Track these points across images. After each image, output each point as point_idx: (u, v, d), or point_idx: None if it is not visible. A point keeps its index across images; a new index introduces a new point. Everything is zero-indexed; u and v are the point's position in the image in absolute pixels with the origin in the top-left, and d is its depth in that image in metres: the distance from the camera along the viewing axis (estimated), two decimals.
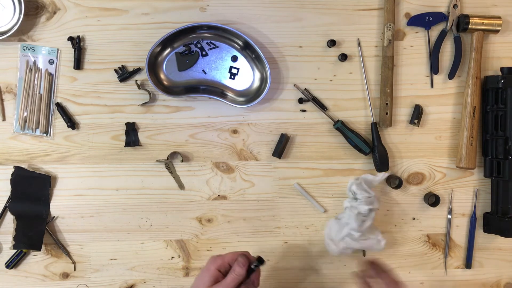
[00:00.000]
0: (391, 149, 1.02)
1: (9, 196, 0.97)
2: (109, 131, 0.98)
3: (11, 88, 0.96)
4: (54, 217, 0.98)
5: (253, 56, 0.97)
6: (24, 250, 0.98)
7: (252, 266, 0.79)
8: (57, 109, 0.96)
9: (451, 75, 1.00)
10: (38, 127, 0.96)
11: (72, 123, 0.96)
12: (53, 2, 0.96)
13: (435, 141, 1.02)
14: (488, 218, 1.02)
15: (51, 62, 0.96)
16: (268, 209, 1.01)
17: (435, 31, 1.01)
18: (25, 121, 0.96)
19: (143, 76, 0.97)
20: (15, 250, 0.97)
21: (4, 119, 0.97)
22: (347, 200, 0.98)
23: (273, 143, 1.00)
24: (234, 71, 0.98)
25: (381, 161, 0.99)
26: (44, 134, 0.97)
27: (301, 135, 1.01)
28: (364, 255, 1.02)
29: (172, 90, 0.97)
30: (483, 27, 0.98)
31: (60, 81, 0.97)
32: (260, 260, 0.80)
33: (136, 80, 0.97)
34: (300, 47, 0.99)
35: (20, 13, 0.92)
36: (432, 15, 1.00)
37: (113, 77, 0.97)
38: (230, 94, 0.98)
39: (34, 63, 0.96)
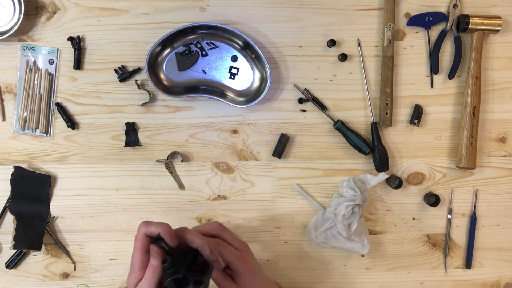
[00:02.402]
0: (391, 149, 1.02)
1: (9, 196, 0.97)
2: (109, 131, 0.98)
3: (11, 88, 0.96)
4: (54, 217, 0.99)
5: (253, 56, 0.97)
6: (24, 250, 0.98)
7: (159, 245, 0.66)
8: (57, 109, 0.96)
9: (451, 75, 1.00)
10: (38, 127, 0.96)
11: (72, 123, 0.96)
12: (53, 2, 0.96)
13: (435, 141, 1.02)
14: None
15: (51, 62, 0.96)
16: (268, 209, 1.01)
17: (435, 31, 1.01)
18: (25, 121, 0.96)
19: (143, 76, 0.97)
20: (15, 250, 0.97)
21: (4, 119, 0.97)
22: (335, 195, 0.99)
23: (273, 143, 1.00)
24: (234, 71, 0.98)
25: (381, 161, 0.99)
26: (44, 134, 0.97)
27: (301, 135, 1.01)
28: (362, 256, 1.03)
29: (172, 90, 0.97)
30: (483, 27, 0.98)
31: (60, 81, 0.97)
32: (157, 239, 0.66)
33: (136, 80, 0.97)
34: (300, 47, 0.99)
35: (20, 13, 0.92)
36: (432, 15, 1.00)
37: (113, 77, 0.97)
38: (230, 94, 0.98)
39: (34, 63, 0.96)
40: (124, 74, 0.96)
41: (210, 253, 0.67)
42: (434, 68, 1.00)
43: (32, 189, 0.97)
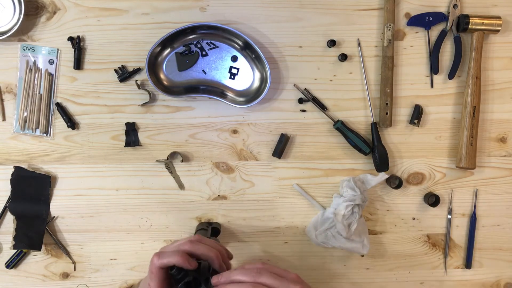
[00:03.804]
0: (391, 149, 1.02)
1: (9, 196, 0.97)
2: (109, 131, 0.98)
3: (11, 88, 0.96)
4: (54, 217, 0.99)
5: (253, 56, 0.97)
6: (24, 250, 0.98)
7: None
8: (57, 109, 0.96)
9: (451, 75, 1.00)
10: (38, 127, 0.96)
11: (72, 123, 0.96)
12: (53, 2, 0.96)
13: (435, 141, 1.02)
14: None
15: (51, 62, 0.96)
16: (268, 209, 1.01)
17: (435, 31, 1.01)
18: (25, 121, 0.96)
19: (143, 76, 0.97)
20: (15, 250, 0.97)
21: (4, 119, 0.97)
22: (335, 195, 0.99)
23: (273, 143, 1.00)
24: (234, 71, 0.98)
25: (381, 161, 0.99)
26: (44, 134, 0.97)
27: (301, 135, 1.01)
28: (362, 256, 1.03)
29: (172, 90, 0.97)
30: (483, 27, 0.98)
31: (60, 81, 0.97)
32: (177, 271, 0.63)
33: (136, 80, 0.97)
34: (300, 47, 0.99)
35: (20, 13, 0.92)
36: (432, 15, 1.00)
37: (113, 77, 0.97)
38: (230, 94, 0.98)
39: (34, 63, 0.96)
40: (124, 74, 0.96)
41: (219, 267, 0.68)
42: (434, 68, 1.00)
43: (32, 189, 0.97)
